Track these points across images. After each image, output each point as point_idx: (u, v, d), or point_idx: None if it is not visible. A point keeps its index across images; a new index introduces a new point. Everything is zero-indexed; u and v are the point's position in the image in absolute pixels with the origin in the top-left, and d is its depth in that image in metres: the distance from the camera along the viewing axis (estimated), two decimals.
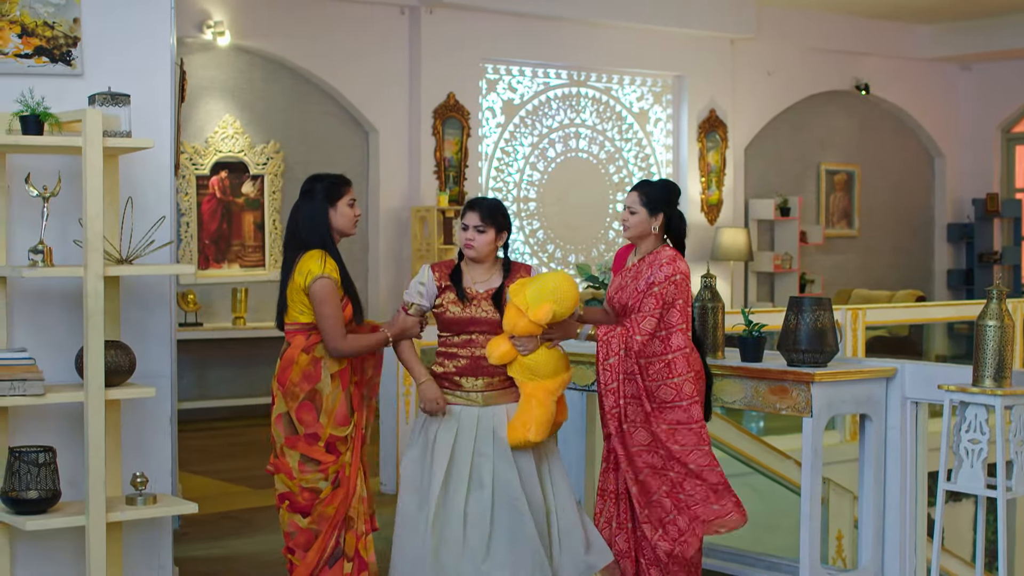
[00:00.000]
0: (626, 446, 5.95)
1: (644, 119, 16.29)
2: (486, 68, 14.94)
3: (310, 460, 5.74)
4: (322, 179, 5.87)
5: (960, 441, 5.81)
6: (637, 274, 6.05)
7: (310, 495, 5.74)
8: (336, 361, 5.77)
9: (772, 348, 6.67)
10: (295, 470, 5.74)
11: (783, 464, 9.43)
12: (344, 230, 5.86)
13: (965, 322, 14.19)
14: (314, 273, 5.69)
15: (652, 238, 6.10)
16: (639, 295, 5.97)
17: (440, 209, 13.70)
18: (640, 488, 5.97)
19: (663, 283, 5.93)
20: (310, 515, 5.76)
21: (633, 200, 6.11)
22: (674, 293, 5.94)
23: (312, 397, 5.74)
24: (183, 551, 7.35)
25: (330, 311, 5.69)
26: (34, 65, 5.98)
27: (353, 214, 5.87)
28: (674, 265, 5.96)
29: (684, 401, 5.92)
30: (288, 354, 5.79)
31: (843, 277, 18.18)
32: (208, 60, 13.06)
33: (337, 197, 5.82)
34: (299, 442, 5.74)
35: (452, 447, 5.80)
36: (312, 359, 5.76)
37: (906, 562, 6.44)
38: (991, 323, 5.77)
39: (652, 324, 5.92)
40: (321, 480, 5.73)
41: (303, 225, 5.79)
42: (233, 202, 13.22)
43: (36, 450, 5.54)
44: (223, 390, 13.04)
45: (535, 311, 5.74)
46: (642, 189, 6.12)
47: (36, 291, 5.96)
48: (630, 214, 6.11)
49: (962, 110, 19.14)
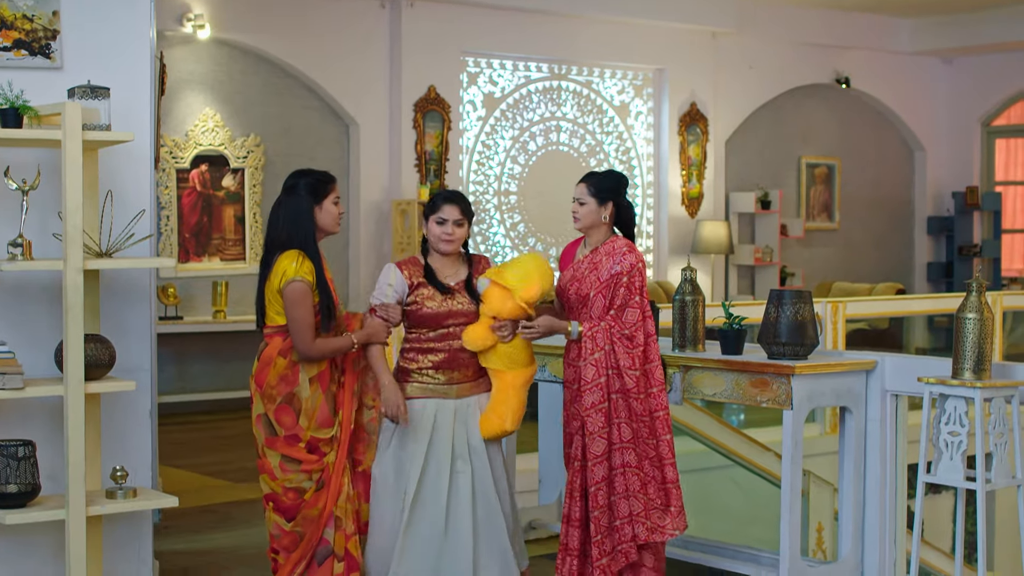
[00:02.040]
0: (610, 443, 5.92)
1: (625, 112, 16.29)
2: (467, 61, 14.93)
3: (292, 460, 5.71)
4: (307, 175, 5.81)
5: (940, 433, 5.83)
6: (594, 265, 6.03)
7: (295, 495, 5.72)
8: (315, 364, 5.74)
9: (752, 341, 6.68)
10: (277, 470, 5.72)
11: (763, 456, 9.45)
12: (328, 228, 5.82)
13: (945, 315, 14.21)
14: (288, 275, 5.66)
15: (603, 228, 6.10)
16: (602, 286, 5.96)
17: (421, 202, 13.67)
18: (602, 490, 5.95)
19: (631, 271, 5.95)
20: (294, 519, 5.73)
21: (581, 191, 6.10)
22: (640, 281, 5.97)
23: (290, 400, 5.71)
24: (163, 545, 7.34)
25: (300, 315, 5.65)
26: (13, 58, 5.96)
27: (338, 212, 5.84)
28: (634, 254, 6.00)
29: (655, 387, 5.96)
30: (266, 354, 5.76)
31: (823, 270, 18.22)
32: (188, 53, 13.03)
33: (324, 195, 5.78)
34: (278, 443, 5.71)
35: (427, 449, 5.80)
36: (290, 363, 5.72)
37: (886, 554, 6.46)
38: (971, 316, 5.79)
39: (636, 314, 5.93)
40: (305, 480, 5.71)
41: (285, 222, 5.74)
42: (213, 195, 13.19)
43: (16, 444, 5.52)
44: (203, 384, 13.02)
45: (524, 291, 5.77)
46: (590, 180, 6.11)
47: (15, 284, 5.95)
48: (579, 205, 6.10)
49: (943, 104, 19.18)
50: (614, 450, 5.90)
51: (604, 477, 5.90)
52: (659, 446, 5.96)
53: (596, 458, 5.90)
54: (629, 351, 5.91)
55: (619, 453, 5.89)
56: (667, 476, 5.97)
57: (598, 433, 5.90)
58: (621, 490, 5.89)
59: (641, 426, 5.91)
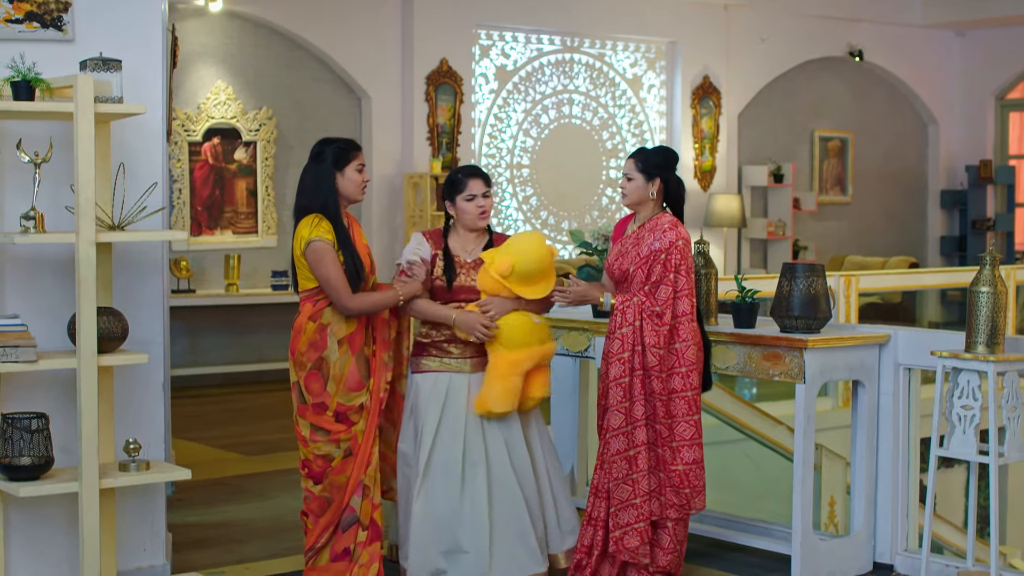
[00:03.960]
0: (628, 418, 5.91)
1: (637, 85, 16.25)
2: (479, 34, 14.89)
3: (320, 429, 5.80)
4: (331, 143, 5.88)
5: (952, 407, 5.82)
6: (638, 240, 6.02)
7: (323, 462, 5.82)
8: (344, 326, 5.80)
9: (765, 315, 6.68)
10: (307, 439, 5.83)
11: (776, 430, 9.46)
12: (352, 196, 5.87)
13: (958, 289, 14.21)
14: (305, 238, 5.72)
15: (650, 204, 6.07)
16: (642, 261, 5.95)
17: (433, 176, 13.67)
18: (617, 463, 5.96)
19: (668, 249, 5.91)
20: (322, 483, 5.84)
21: (630, 167, 6.09)
22: (679, 259, 5.92)
23: (319, 366, 5.79)
24: (176, 517, 7.36)
25: (328, 271, 5.71)
26: (25, 31, 5.95)
27: (361, 179, 5.88)
28: (676, 231, 5.95)
29: (684, 367, 5.91)
30: (297, 322, 5.85)
31: (836, 244, 18.18)
32: (200, 26, 13.01)
33: (345, 162, 5.84)
34: (307, 411, 5.82)
35: (439, 421, 5.84)
36: (318, 327, 5.80)
37: (898, 528, 6.46)
38: (984, 289, 5.77)
39: (668, 292, 5.91)
40: (333, 448, 5.80)
41: (307, 188, 5.83)
42: (226, 168, 13.19)
43: (29, 416, 5.53)
44: (215, 357, 13.04)
45: (497, 265, 5.80)
46: (639, 155, 6.10)
47: (28, 258, 5.95)
48: (627, 180, 6.09)
49: (956, 77, 19.10)
50: (635, 427, 5.90)
51: (620, 450, 5.89)
52: (674, 426, 5.91)
53: (613, 431, 5.90)
54: (657, 329, 5.88)
55: (638, 431, 5.89)
56: (682, 457, 5.93)
57: (616, 407, 5.90)
58: (641, 467, 5.89)
59: (658, 405, 5.88)
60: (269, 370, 13.01)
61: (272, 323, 13.00)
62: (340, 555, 5.88)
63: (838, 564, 6.38)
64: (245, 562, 6.76)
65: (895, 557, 6.46)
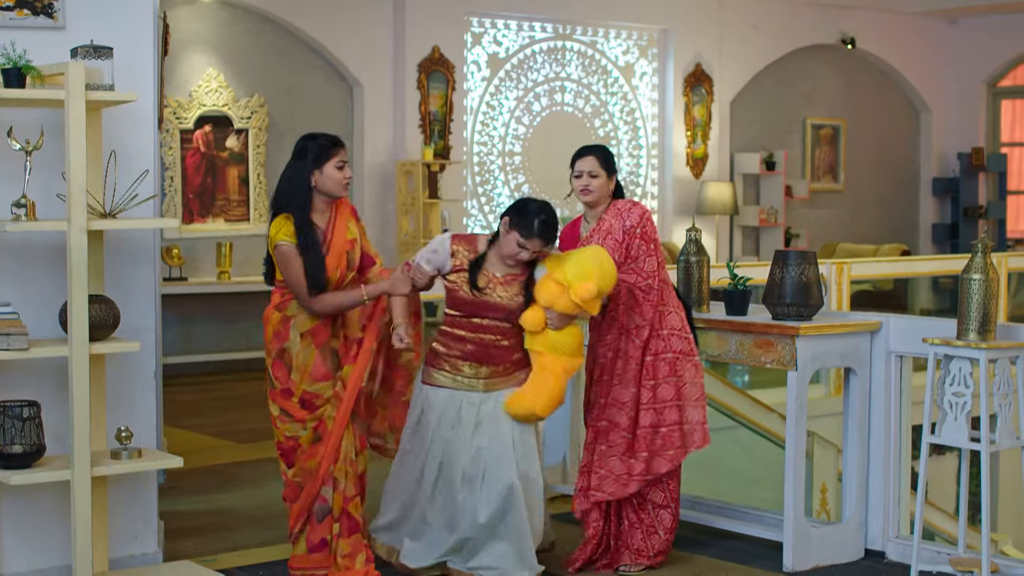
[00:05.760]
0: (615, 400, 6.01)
1: (630, 73, 16.24)
2: (471, 21, 14.87)
3: (286, 413, 5.91)
4: (312, 139, 5.88)
5: (944, 394, 5.83)
6: (607, 231, 6.06)
7: (292, 443, 5.91)
8: (307, 319, 5.85)
9: (757, 302, 6.68)
10: (277, 420, 5.94)
11: (768, 418, 9.47)
12: (332, 192, 5.87)
13: (950, 276, 14.21)
14: (273, 240, 5.81)
15: (606, 200, 6.20)
16: (620, 245, 6.00)
17: (425, 163, 13.66)
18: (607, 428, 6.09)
19: (641, 222, 6.04)
20: (293, 467, 5.93)
21: (594, 165, 6.12)
22: (652, 230, 6.06)
23: (281, 356, 5.89)
24: (168, 505, 7.36)
25: (289, 274, 5.79)
26: (15, 18, 5.93)
27: (342, 176, 5.86)
28: (639, 206, 6.11)
29: (664, 330, 6.01)
30: (265, 312, 5.95)
31: (828, 231, 18.18)
32: (191, 13, 12.98)
33: (325, 159, 5.83)
34: (276, 396, 5.93)
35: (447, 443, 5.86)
36: (283, 317, 5.89)
37: (890, 515, 6.47)
38: (976, 277, 5.78)
39: (653, 263, 5.99)
40: (300, 429, 5.88)
41: (281, 187, 5.88)
42: (217, 156, 13.17)
43: (20, 404, 5.53)
44: (208, 345, 13.03)
45: (579, 290, 5.65)
46: (598, 153, 6.15)
47: (19, 245, 5.94)
48: (591, 178, 6.10)
49: (948, 64, 19.09)
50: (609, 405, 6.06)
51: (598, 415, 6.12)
52: (658, 389, 6.03)
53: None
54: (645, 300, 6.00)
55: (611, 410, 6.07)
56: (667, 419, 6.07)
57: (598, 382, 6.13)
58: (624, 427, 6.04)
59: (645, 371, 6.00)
60: (261, 358, 12.83)
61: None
62: (317, 546, 5.96)
63: (830, 551, 6.39)
64: (238, 549, 6.76)
65: (886, 544, 6.47)
